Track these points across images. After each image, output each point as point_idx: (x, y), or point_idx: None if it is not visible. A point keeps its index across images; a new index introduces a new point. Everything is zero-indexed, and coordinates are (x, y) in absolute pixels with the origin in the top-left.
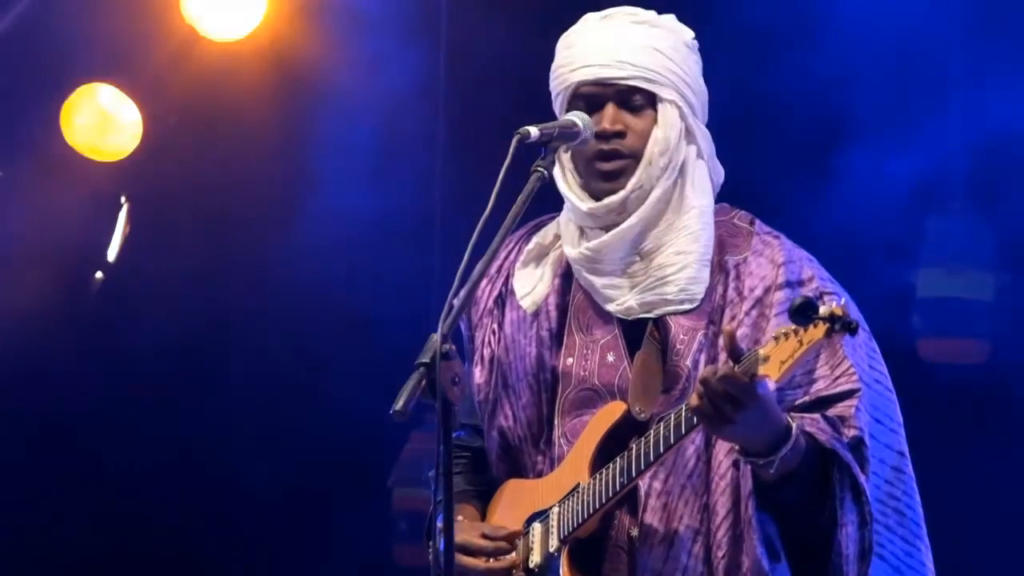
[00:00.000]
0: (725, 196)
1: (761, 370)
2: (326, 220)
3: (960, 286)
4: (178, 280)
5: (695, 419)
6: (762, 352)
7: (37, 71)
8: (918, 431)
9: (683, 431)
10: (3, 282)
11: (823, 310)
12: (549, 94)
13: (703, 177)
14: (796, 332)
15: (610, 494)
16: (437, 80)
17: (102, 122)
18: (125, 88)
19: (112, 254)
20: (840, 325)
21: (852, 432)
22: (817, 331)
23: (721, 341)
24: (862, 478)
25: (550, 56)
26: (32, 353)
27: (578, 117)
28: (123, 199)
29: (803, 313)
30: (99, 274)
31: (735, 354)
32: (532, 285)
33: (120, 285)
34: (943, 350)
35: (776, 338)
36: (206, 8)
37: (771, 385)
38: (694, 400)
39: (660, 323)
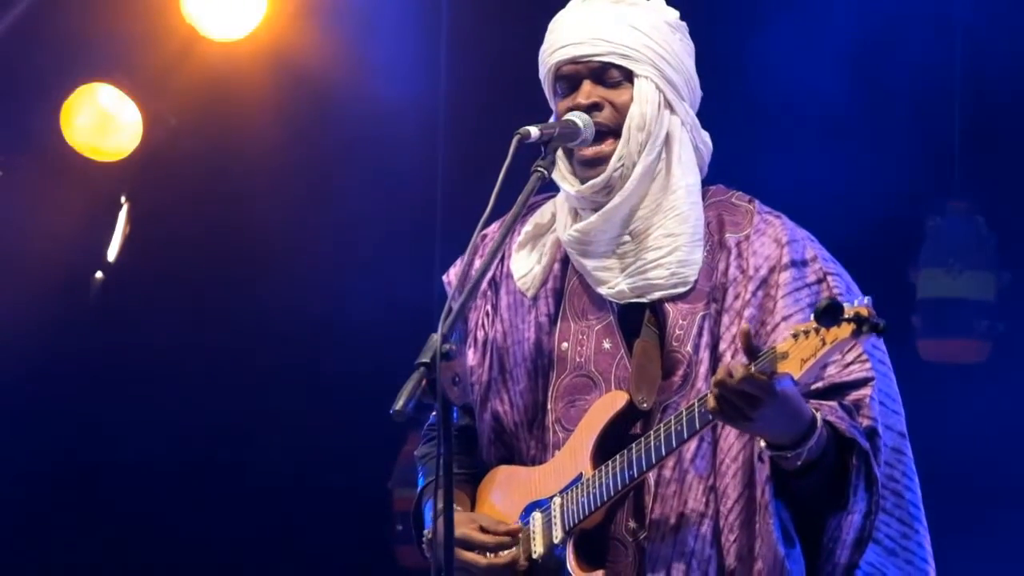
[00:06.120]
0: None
1: (781, 367)
2: (325, 219)
3: (960, 286)
4: (178, 280)
5: (710, 416)
6: (780, 349)
7: (37, 71)
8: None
9: (697, 426)
10: (3, 282)
11: (849, 311)
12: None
13: (689, 152)
14: (818, 330)
15: (619, 487)
16: (438, 80)
17: (102, 122)
18: (125, 88)
19: (112, 254)
20: (868, 326)
21: (866, 422)
22: (843, 331)
23: (737, 339)
24: (876, 468)
25: None
26: (32, 353)
27: (578, 118)
28: (123, 199)
29: (830, 315)
30: (99, 274)
31: (751, 351)
32: (529, 267)
33: (120, 285)
34: (944, 350)
35: (795, 335)
36: (206, 8)
37: (792, 381)
38: (711, 402)
39: (657, 309)
